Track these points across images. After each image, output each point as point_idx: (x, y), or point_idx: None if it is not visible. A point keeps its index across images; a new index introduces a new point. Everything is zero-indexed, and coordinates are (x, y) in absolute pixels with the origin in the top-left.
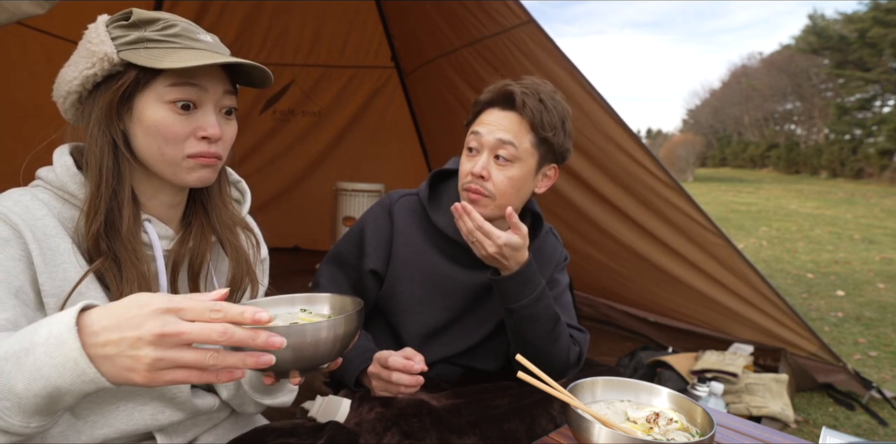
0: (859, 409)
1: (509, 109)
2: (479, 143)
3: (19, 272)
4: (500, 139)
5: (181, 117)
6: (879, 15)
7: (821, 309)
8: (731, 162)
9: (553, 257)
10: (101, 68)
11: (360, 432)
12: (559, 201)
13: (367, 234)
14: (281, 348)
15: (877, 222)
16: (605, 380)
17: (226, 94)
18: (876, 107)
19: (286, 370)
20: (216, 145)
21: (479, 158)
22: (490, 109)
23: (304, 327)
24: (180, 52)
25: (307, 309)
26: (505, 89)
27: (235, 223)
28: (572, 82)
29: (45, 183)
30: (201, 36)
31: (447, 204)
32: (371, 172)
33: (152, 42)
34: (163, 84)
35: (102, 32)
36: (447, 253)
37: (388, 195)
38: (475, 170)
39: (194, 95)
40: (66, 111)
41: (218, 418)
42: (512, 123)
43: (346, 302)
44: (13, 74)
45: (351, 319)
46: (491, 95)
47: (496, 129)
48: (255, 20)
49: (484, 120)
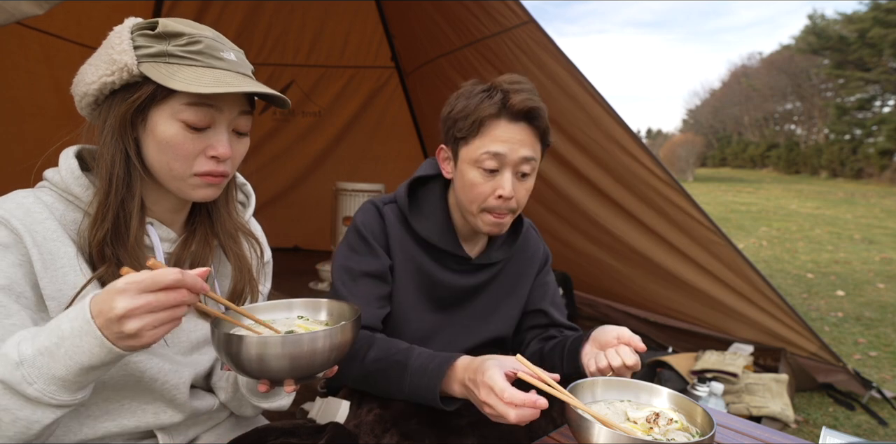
0: (859, 409)
1: (520, 120)
2: (500, 162)
3: (20, 278)
4: (525, 157)
5: (193, 136)
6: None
7: (821, 309)
8: (731, 162)
9: (536, 256)
10: (120, 78)
11: (359, 433)
12: (560, 200)
13: (369, 237)
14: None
15: (877, 222)
16: (605, 380)
17: (241, 114)
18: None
19: (282, 379)
20: (224, 164)
21: (503, 179)
22: (495, 122)
23: (301, 337)
24: (200, 73)
25: (304, 316)
26: (510, 101)
27: (238, 230)
28: (573, 82)
29: (51, 185)
30: (225, 54)
31: (428, 211)
32: (371, 172)
33: (174, 57)
34: (179, 102)
35: (126, 40)
36: (434, 258)
37: (370, 202)
38: (506, 194)
39: (209, 116)
40: (82, 109)
41: (218, 418)
42: (527, 137)
43: (345, 309)
44: (12, 73)
45: (347, 328)
46: (492, 108)
47: (518, 146)
48: (255, 20)
49: (497, 136)
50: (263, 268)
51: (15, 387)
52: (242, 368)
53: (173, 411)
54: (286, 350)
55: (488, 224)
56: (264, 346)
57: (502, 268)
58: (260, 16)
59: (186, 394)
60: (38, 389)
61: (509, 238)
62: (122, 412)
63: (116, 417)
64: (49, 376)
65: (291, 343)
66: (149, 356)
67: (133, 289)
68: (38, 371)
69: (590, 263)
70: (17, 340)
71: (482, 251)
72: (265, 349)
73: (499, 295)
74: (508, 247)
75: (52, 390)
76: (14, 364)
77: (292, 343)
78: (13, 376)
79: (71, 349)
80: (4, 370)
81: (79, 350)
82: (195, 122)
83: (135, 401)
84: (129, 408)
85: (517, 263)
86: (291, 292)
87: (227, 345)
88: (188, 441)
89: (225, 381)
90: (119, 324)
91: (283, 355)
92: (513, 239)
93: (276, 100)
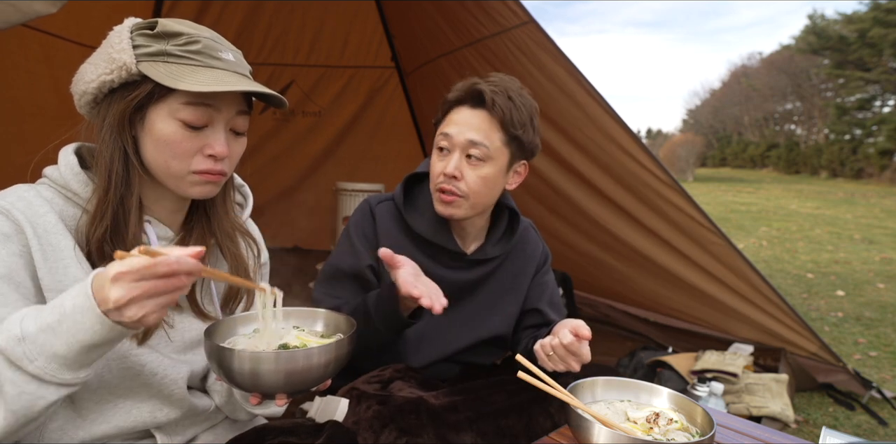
0: (859, 409)
1: (479, 107)
2: (449, 143)
3: (20, 268)
4: (471, 140)
5: (190, 134)
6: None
7: (821, 309)
8: (731, 162)
9: (535, 255)
10: (119, 76)
11: (358, 430)
12: (560, 200)
13: (354, 237)
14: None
15: (877, 222)
16: (605, 380)
17: (238, 114)
18: (876, 107)
19: (274, 393)
20: (222, 163)
21: (450, 158)
22: (459, 107)
23: (295, 353)
24: (199, 72)
25: (300, 326)
26: (474, 88)
27: (236, 230)
28: (572, 82)
29: (50, 181)
30: (223, 54)
31: (423, 207)
32: (371, 172)
33: (172, 57)
34: (177, 101)
35: (125, 39)
36: (428, 254)
37: (365, 200)
38: (448, 170)
39: (206, 115)
40: (81, 107)
41: (216, 418)
42: (482, 122)
43: (341, 321)
44: (12, 73)
45: (343, 344)
46: (459, 94)
47: (466, 129)
48: (255, 20)
49: (453, 119)
50: (260, 269)
51: (17, 363)
52: (234, 381)
53: (170, 408)
54: (280, 366)
55: (438, 204)
56: (258, 361)
57: (500, 265)
58: (260, 16)
59: (184, 389)
60: (39, 366)
61: (506, 234)
62: (118, 412)
63: (112, 418)
64: (50, 353)
65: (286, 359)
66: (149, 351)
67: (128, 278)
68: (40, 348)
69: (590, 262)
70: (21, 315)
71: (479, 247)
72: (258, 365)
73: (496, 292)
74: (505, 243)
75: (52, 367)
76: (16, 340)
77: (287, 359)
78: (14, 351)
79: (72, 326)
80: (6, 345)
81: (80, 327)
82: (193, 121)
83: (129, 400)
84: (124, 408)
85: (515, 260)
86: (290, 292)
87: (220, 358)
88: (186, 441)
89: (220, 385)
90: (118, 313)
91: (277, 371)
92: (510, 235)
93: (273, 100)
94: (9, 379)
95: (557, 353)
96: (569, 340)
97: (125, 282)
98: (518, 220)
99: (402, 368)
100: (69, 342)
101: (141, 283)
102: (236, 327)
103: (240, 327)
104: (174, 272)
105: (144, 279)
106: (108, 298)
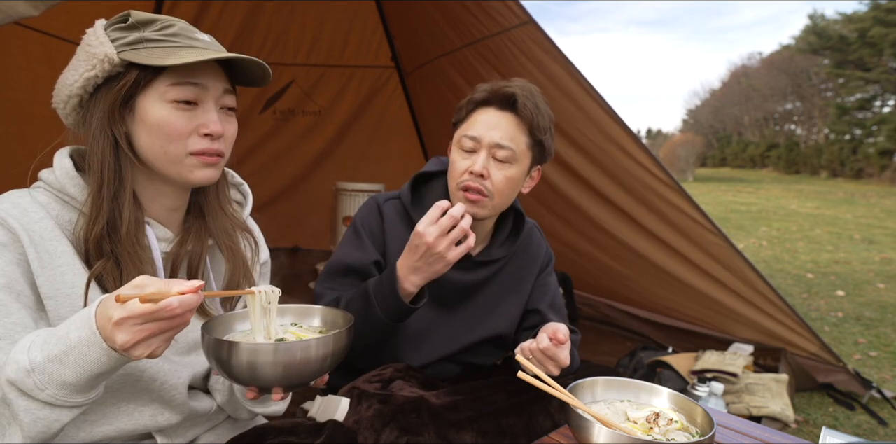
0: (859, 409)
1: (507, 110)
2: (476, 143)
3: (19, 276)
4: (499, 142)
5: (183, 114)
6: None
7: (821, 309)
8: (731, 162)
9: (539, 256)
10: (102, 70)
11: (359, 429)
12: (560, 200)
13: (362, 232)
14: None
15: (877, 222)
16: (605, 380)
17: (226, 92)
18: (876, 107)
19: (271, 386)
20: (218, 142)
21: (477, 157)
22: (485, 108)
23: (293, 345)
24: (180, 51)
25: (297, 323)
26: (504, 90)
27: (234, 227)
28: (572, 82)
29: (46, 185)
30: (199, 35)
31: (430, 206)
32: (371, 172)
33: (152, 42)
34: (164, 83)
35: (101, 35)
36: None
37: (372, 198)
38: (476, 169)
39: (195, 93)
40: (67, 116)
41: (217, 419)
42: (510, 125)
43: (338, 316)
44: (14, 75)
45: (340, 337)
46: (486, 95)
47: (495, 130)
48: (255, 20)
49: (480, 120)
50: (260, 268)
51: (28, 393)
52: (232, 374)
53: (171, 412)
54: (278, 358)
55: (462, 203)
56: (255, 353)
57: (504, 266)
58: (260, 16)
59: (184, 395)
60: (51, 394)
61: (511, 236)
62: (119, 415)
63: (113, 420)
64: (60, 382)
65: (283, 351)
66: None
67: (132, 323)
68: (49, 378)
69: (590, 263)
70: (28, 345)
71: (484, 248)
72: (256, 357)
73: (500, 293)
74: (510, 245)
75: (63, 394)
76: (25, 371)
77: (284, 351)
78: (25, 382)
79: (80, 358)
80: (17, 376)
81: (87, 359)
82: (184, 97)
83: (132, 403)
84: (125, 411)
85: (519, 261)
86: (291, 291)
87: (218, 350)
88: (187, 442)
89: (221, 383)
90: (126, 352)
91: (275, 363)
92: (514, 237)
93: (256, 73)
94: (23, 408)
95: (535, 357)
96: (545, 344)
97: (129, 326)
98: (523, 221)
99: (403, 367)
100: (78, 373)
101: (146, 326)
102: (234, 324)
103: (237, 324)
104: (176, 314)
105: (149, 322)
106: (113, 340)
